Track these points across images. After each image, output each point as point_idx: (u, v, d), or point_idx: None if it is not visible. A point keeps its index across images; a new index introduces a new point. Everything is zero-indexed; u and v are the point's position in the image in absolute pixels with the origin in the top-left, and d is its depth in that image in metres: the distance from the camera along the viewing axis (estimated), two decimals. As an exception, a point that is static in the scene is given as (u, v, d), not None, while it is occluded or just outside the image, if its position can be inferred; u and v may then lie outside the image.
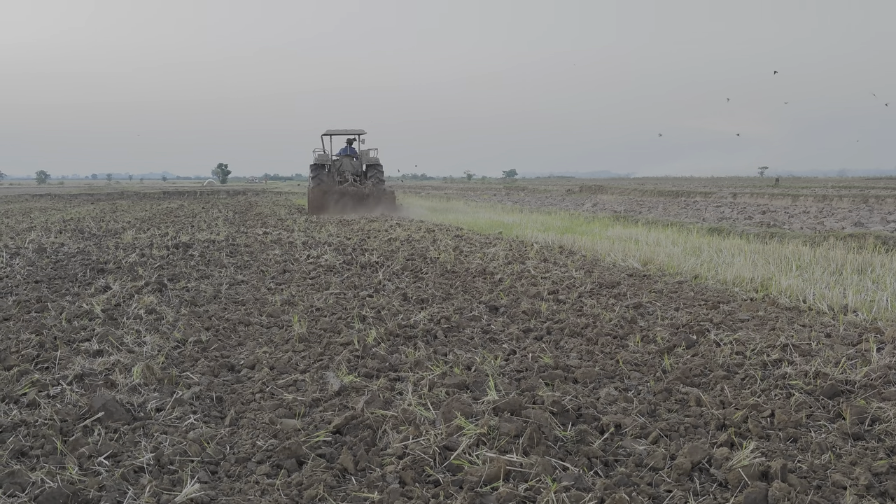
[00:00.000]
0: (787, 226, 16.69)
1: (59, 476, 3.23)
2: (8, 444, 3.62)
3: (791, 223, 17.80)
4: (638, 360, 5.31)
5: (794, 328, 6.14)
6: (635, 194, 39.35)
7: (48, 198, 44.06)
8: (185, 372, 5.01)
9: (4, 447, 3.58)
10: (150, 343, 5.72)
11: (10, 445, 3.58)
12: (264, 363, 5.24)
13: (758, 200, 30.69)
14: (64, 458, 3.48)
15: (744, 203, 29.46)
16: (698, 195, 35.38)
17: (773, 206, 27.40)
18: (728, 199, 32.04)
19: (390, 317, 6.81)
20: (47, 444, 3.62)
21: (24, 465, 3.41)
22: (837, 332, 5.97)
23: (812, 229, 15.20)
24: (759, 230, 13.92)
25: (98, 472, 3.35)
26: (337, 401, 4.35)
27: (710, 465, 3.37)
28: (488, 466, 3.21)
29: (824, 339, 5.73)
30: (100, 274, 9.67)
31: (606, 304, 7.39)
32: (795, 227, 16.11)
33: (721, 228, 14.40)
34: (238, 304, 7.63)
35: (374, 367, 5.04)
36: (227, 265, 10.57)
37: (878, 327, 6.04)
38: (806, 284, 7.91)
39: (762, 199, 31.14)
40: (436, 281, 9.03)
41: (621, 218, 18.52)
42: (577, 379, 4.83)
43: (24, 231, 16.93)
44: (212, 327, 6.44)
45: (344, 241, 13.82)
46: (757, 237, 12.95)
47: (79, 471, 3.34)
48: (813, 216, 20.80)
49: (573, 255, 11.57)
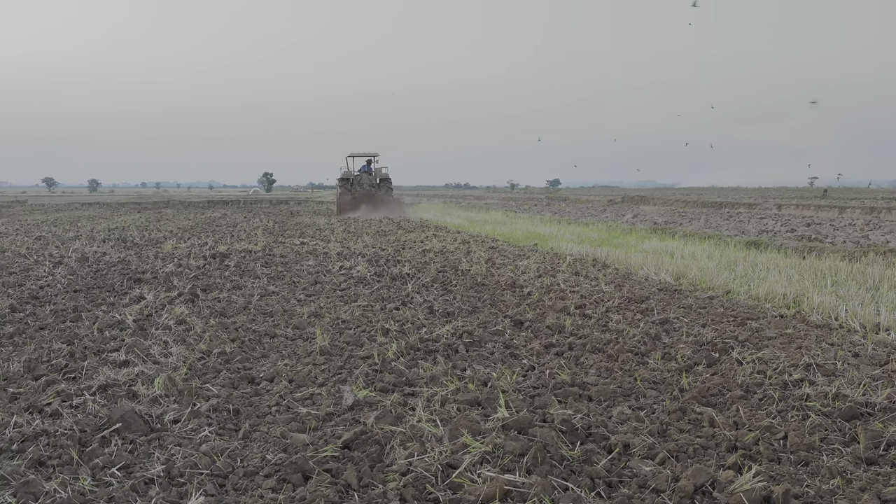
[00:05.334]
0: (829, 239, 16.37)
1: (71, 486, 3.33)
2: (27, 453, 3.74)
3: (834, 236, 17.46)
4: (656, 378, 5.28)
5: (822, 347, 6.03)
6: (678, 205, 38.89)
7: (97, 206, 45.16)
8: (206, 384, 5.12)
9: (24, 456, 3.71)
10: (176, 354, 5.85)
11: (29, 455, 3.71)
12: (283, 376, 5.32)
13: (803, 212, 30.13)
14: (79, 468, 3.59)
15: (788, 215, 28.95)
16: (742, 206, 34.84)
17: (819, 218, 26.86)
18: (772, 211, 31.50)
19: (413, 330, 6.86)
20: (64, 454, 3.74)
21: (41, 474, 3.52)
22: (866, 352, 5.85)
23: (854, 243, 14.89)
24: (797, 244, 13.68)
25: (109, 483, 3.45)
26: (349, 415, 4.40)
27: (713, 489, 3.34)
28: (487, 486, 3.23)
29: (851, 359, 5.63)
30: (136, 284, 9.89)
31: (632, 319, 7.34)
32: (838, 241, 15.79)
33: (759, 242, 14.18)
34: (266, 316, 7.74)
35: (390, 381, 5.09)
36: (261, 276, 10.72)
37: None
38: (839, 301, 7.77)
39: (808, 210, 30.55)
40: (464, 294, 9.06)
41: (659, 230, 18.34)
42: (591, 397, 4.82)
43: (70, 240, 17.36)
44: (237, 339, 6.55)
45: (378, 252, 13.92)
46: (795, 251, 12.73)
47: (91, 482, 3.44)
48: (858, 229, 20.36)
49: (606, 269, 11.50)
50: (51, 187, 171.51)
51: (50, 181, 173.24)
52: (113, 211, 38.03)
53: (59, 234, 19.27)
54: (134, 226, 23.55)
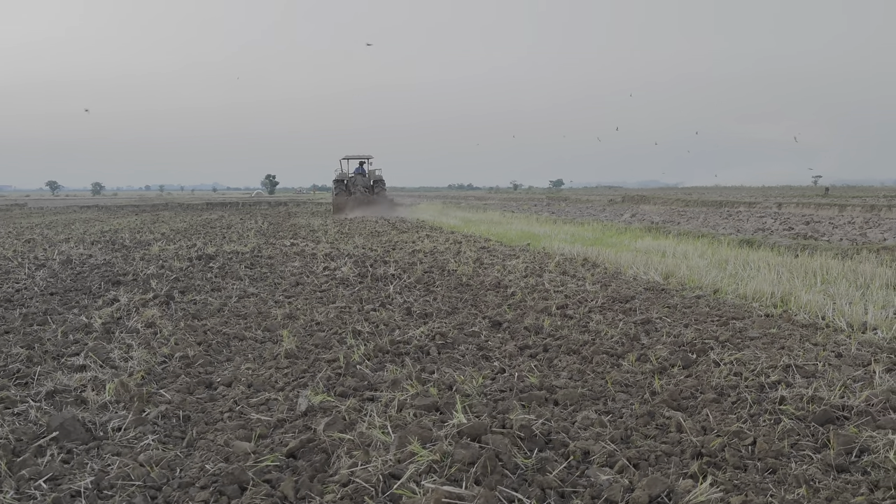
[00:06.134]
0: (825, 237, 16.16)
1: (-9, 500, 3.15)
2: (-44, 464, 3.56)
3: (832, 234, 17.23)
4: (629, 381, 5.08)
5: (804, 347, 5.83)
6: (678, 204, 38.67)
7: (95, 209, 45.05)
8: (161, 389, 4.94)
9: (-48, 467, 3.53)
10: (137, 358, 5.67)
11: (-44, 466, 3.53)
12: (243, 380, 5.14)
13: (803, 210, 29.90)
14: (4, 481, 3.41)
15: (788, 213, 28.71)
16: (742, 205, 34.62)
17: (819, 216, 26.63)
18: (772, 210, 31.27)
19: (386, 332, 6.67)
20: (-7, 465, 3.56)
21: (-34, 486, 3.34)
22: (849, 352, 5.65)
23: (851, 241, 14.67)
24: (791, 242, 13.47)
25: (33, 496, 3.26)
26: (301, 422, 4.22)
27: (668, 500, 3.15)
28: (425, 499, 3.04)
29: (833, 360, 5.42)
30: (115, 286, 9.72)
31: (613, 319, 7.14)
32: (835, 239, 15.58)
33: (752, 240, 13.97)
34: (240, 318, 7.56)
35: (351, 385, 4.90)
36: (243, 277, 10.55)
37: (894, 347, 5.72)
38: (827, 300, 7.56)
39: (808, 209, 30.32)
40: (446, 294, 8.88)
41: (653, 229, 18.13)
42: (557, 401, 4.62)
43: (59, 242, 17.22)
44: (204, 342, 6.38)
45: (367, 253, 13.74)
46: (788, 249, 12.52)
47: (14, 495, 3.26)
48: (858, 227, 20.14)
49: (595, 268, 11.31)
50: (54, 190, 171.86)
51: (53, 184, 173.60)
52: (110, 214, 37.93)
53: (50, 237, 19.13)
54: (127, 228, 23.40)
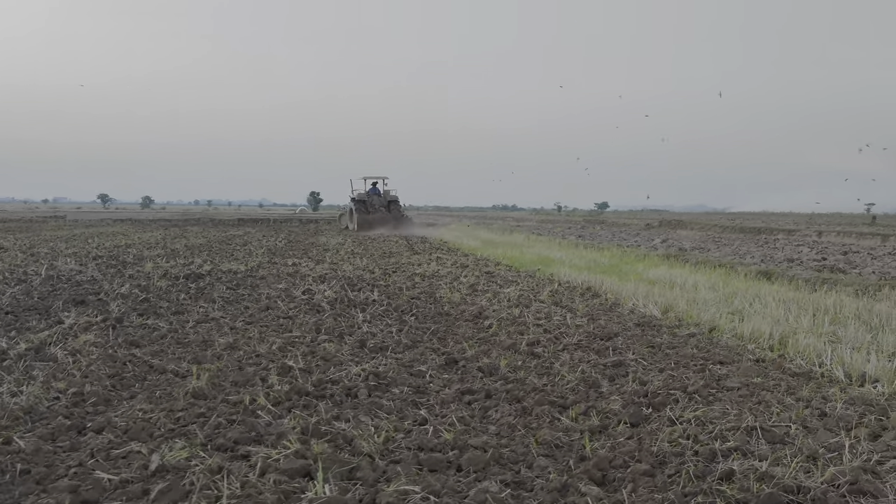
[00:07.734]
0: (857, 269, 15.09)
1: None
2: None
3: (866, 266, 16.13)
4: (560, 441, 4.35)
5: (784, 403, 5.02)
6: (714, 230, 37.43)
7: (128, 223, 45.32)
8: (26, 433, 4.35)
9: None
10: (27, 394, 5.11)
11: None
12: (120, 426, 4.53)
13: (843, 240, 28.52)
14: None
15: (826, 242, 27.40)
16: (781, 232, 33.28)
17: (859, 245, 25.31)
18: (811, 238, 29.95)
19: (322, 369, 6.03)
20: None
21: None
22: (834, 411, 4.84)
23: (882, 275, 13.62)
24: (812, 275, 12.50)
25: None
26: (140, 487, 3.57)
27: None
28: None
29: (813, 420, 4.63)
30: (77, 306, 9.25)
31: (580, 360, 6.39)
32: (867, 272, 14.52)
33: (771, 272, 13.02)
34: (180, 346, 6.99)
35: (232, 437, 4.25)
36: (217, 300, 10.01)
37: (887, 406, 4.89)
38: (827, 345, 6.71)
39: (849, 238, 28.93)
40: (418, 325, 8.23)
41: (673, 257, 17.21)
42: (461, 465, 3.92)
43: (64, 256, 16.96)
44: (118, 374, 5.80)
45: (363, 276, 13.14)
46: (807, 283, 11.57)
47: None
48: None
49: (594, 298, 10.53)
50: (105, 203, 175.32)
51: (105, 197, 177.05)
52: (139, 227, 38.07)
53: (60, 250, 18.93)
54: (144, 244, 23.19)
